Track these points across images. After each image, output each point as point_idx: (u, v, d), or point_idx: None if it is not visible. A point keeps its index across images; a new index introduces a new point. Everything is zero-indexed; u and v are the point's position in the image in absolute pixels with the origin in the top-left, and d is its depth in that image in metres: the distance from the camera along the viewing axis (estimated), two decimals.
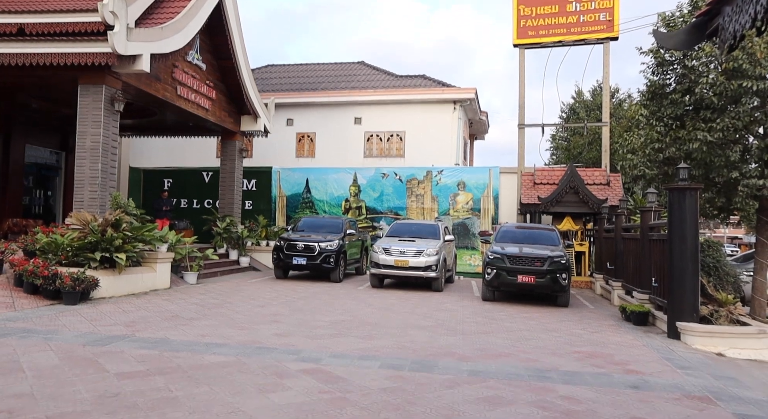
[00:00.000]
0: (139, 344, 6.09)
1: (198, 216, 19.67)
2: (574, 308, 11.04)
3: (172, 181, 21.32)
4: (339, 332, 7.37)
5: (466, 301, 11.40)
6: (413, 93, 21.63)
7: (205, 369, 5.16)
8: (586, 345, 7.24)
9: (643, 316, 8.98)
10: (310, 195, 20.91)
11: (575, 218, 16.98)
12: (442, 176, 19.92)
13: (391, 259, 12.68)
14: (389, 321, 8.48)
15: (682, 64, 10.69)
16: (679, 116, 10.64)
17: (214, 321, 7.78)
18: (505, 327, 8.34)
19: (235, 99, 16.74)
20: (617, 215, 12.11)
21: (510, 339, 7.42)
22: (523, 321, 9.10)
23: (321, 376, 5.11)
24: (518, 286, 10.95)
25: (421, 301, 11.03)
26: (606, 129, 18.40)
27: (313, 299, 10.65)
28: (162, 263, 11.08)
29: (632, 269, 10.98)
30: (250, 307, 9.22)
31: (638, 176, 11.45)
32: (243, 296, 10.63)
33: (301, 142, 22.69)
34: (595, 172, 17.14)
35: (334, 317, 8.60)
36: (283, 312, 8.83)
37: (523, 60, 19.35)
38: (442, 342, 7.03)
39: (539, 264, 10.81)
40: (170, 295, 10.23)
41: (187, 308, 8.75)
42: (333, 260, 13.69)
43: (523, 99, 19.48)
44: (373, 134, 22.06)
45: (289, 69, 26.21)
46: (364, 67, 25.37)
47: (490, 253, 11.35)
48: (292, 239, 13.91)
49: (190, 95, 14.19)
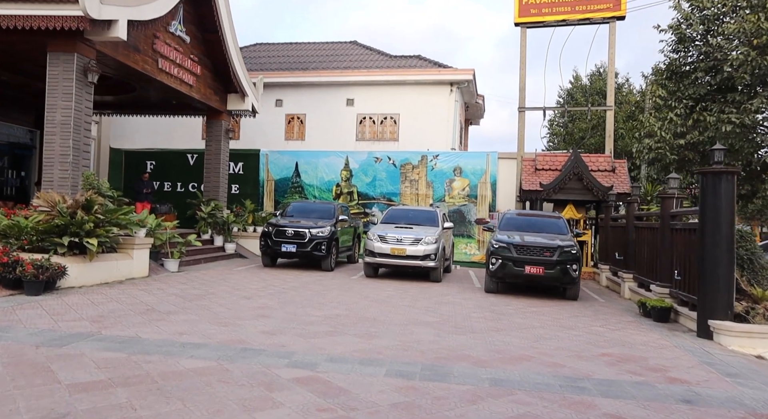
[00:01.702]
0: (105, 344, 5.22)
1: (182, 200, 18.67)
2: (585, 302, 10.31)
3: (155, 163, 20.28)
4: (335, 329, 6.55)
5: (468, 293, 10.64)
6: (408, 74, 20.69)
7: (179, 378, 4.32)
8: (611, 345, 6.49)
9: (665, 312, 8.26)
10: (299, 179, 20.01)
11: (578, 206, 16.26)
12: (437, 161, 19.09)
13: (387, 247, 11.86)
14: (389, 315, 7.67)
15: (705, 40, 9.90)
16: (701, 96, 9.88)
17: (194, 315, 6.92)
18: (517, 324, 7.58)
19: (222, 76, 15.70)
20: (629, 202, 11.38)
21: (526, 338, 6.66)
22: (534, 316, 8.34)
23: (318, 387, 4.29)
24: (525, 277, 10.20)
25: (420, 293, 10.25)
26: (610, 113, 17.62)
27: (303, 289, 9.82)
28: (140, 250, 10.16)
29: (647, 261, 10.26)
30: (235, 299, 8.37)
31: (654, 159, 10.69)
32: (228, 286, 9.76)
33: (291, 124, 21.69)
34: (599, 158, 16.40)
35: (328, 311, 7.78)
36: (272, 305, 7.99)
37: (525, 39, 18.49)
38: (451, 341, 6.24)
39: (549, 254, 10.05)
40: (148, 284, 9.34)
41: (165, 300, 7.87)
42: (324, 248, 12.85)
43: (524, 81, 18.65)
44: (366, 117, 21.11)
45: (278, 48, 25.11)
46: (356, 47, 24.34)
47: (495, 242, 10.57)
48: (281, 225, 13.03)
49: (172, 69, 13.16)
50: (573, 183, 15.49)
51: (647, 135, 10.67)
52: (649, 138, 10.51)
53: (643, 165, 18.30)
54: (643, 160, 11.83)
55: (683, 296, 8.19)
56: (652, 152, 10.43)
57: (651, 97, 11.05)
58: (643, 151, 11.09)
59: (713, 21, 9.89)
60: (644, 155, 11.11)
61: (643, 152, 11.32)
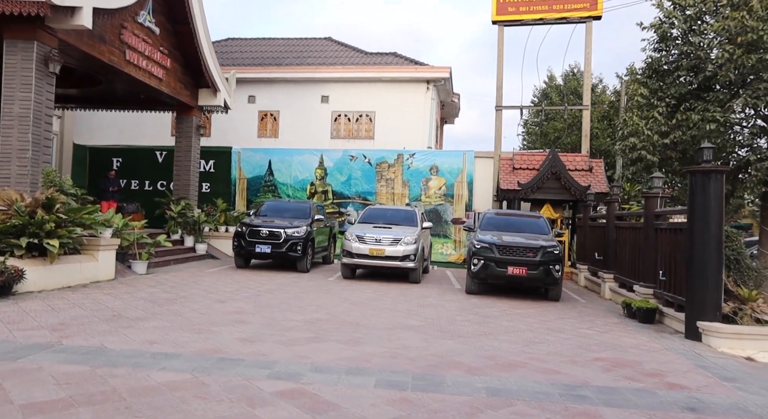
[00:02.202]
0: (66, 356, 4.77)
1: (150, 199, 17.98)
2: (567, 303, 10.18)
3: (122, 160, 19.54)
4: (317, 335, 6.20)
5: (449, 294, 10.39)
6: (384, 71, 20.39)
7: (150, 394, 3.92)
8: (602, 349, 6.30)
9: (651, 313, 8.15)
10: (272, 178, 19.53)
11: (555, 206, 16.23)
12: (414, 160, 18.86)
13: (365, 248, 11.53)
14: (372, 319, 7.36)
15: (686, 40, 9.87)
16: (683, 95, 9.84)
17: (164, 321, 6.48)
18: (504, 327, 7.34)
19: (193, 70, 15.14)
20: (609, 202, 11.31)
21: (515, 342, 6.42)
22: (519, 318, 8.13)
23: (304, 402, 3.94)
24: (508, 278, 10.00)
25: (401, 295, 9.96)
26: (587, 113, 17.66)
27: (280, 292, 9.42)
28: (105, 251, 9.61)
29: (629, 261, 10.18)
30: (209, 303, 7.93)
31: (636, 159, 10.63)
32: (200, 288, 9.30)
33: (264, 121, 21.17)
34: (576, 157, 16.40)
35: (308, 315, 7.42)
36: (248, 309, 7.58)
37: (502, 38, 18.38)
38: (439, 347, 5.96)
39: (531, 255, 9.88)
40: (114, 288, 8.81)
41: (133, 305, 7.39)
42: (300, 249, 12.44)
43: (501, 80, 18.55)
44: (341, 114, 20.74)
45: (250, 43, 24.51)
46: (331, 44, 23.92)
47: (477, 242, 10.35)
48: (254, 225, 12.58)
49: (141, 62, 12.58)
50: (551, 183, 15.44)
51: (630, 134, 10.59)
52: (633, 137, 10.42)
53: (618, 164, 18.40)
54: (625, 159, 11.75)
55: (669, 297, 8.09)
56: (636, 151, 10.34)
57: (632, 96, 10.97)
58: (626, 150, 11.02)
59: (695, 20, 9.88)
60: (627, 154, 11.02)
61: (625, 151, 11.26)
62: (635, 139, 10.32)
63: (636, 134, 10.35)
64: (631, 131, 10.59)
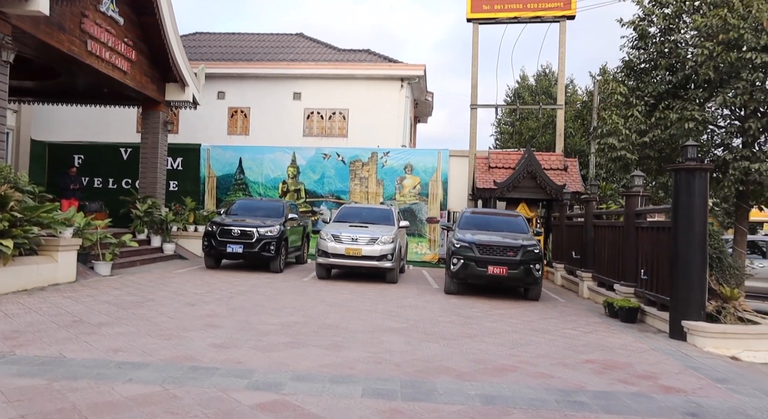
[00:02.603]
0: (19, 368, 4.33)
1: (115, 198, 17.28)
2: (547, 302, 10.05)
3: (83, 157, 18.71)
4: (295, 339, 5.86)
5: (428, 295, 10.16)
6: (358, 68, 20.07)
7: (115, 411, 3.54)
8: (590, 350, 6.14)
9: (633, 312, 8.06)
10: (243, 176, 19.00)
11: (530, 205, 16.22)
12: (388, 158, 18.60)
13: (341, 247, 11.21)
14: (351, 322, 7.05)
15: (665, 38, 9.85)
16: (661, 93, 9.82)
17: (131, 326, 6.05)
18: (488, 328, 7.13)
19: (160, 63, 14.54)
20: (587, 200, 11.25)
21: (502, 344, 6.21)
22: (502, 319, 7.94)
23: (288, 415, 3.62)
24: (488, 278, 9.81)
25: (379, 295, 9.67)
26: (561, 112, 17.72)
27: (253, 294, 9.03)
28: (66, 252, 9.05)
29: (608, 260, 10.11)
30: (178, 306, 7.49)
31: (615, 158, 10.58)
32: (168, 291, 8.83)
33: (234, 117, 20.61)
34: (551, 156, 16.39)
35: (285, 318, 7.07)
36: (220, 312, 7.18)
37: (477, 36, 18.29)
38: (425, 350, 5.69)
39: (512, 254, 9.72)
40: (75, 291, 8.28)
41: (96, 309, 6.91)
42: (273, 248, 12.04)
43: (476, 78, 18.46)
44: (313, 111, 20.34)
45: (219, 38, 23.87)
46: (303, 40, 23.48)
47: (456, 241, 10.14)
48: (226, 224, 12.11)
49: (104, 53, 11.97)
50: (526, 181, 15.40)
51: (609, 133, 10.54)
52: (611, 136, 10.37)
53: (592, 163, 18.50)
54: (603, 158, 11.71)
55: (651, 296, 8.02)
56: (615, 151, 10.29)
57: (609, 95, 10.93)
58: (604, 148, 10.97)
59: (673, 18, 9.87)
60: (606, 153, 10.97)
61: (603, 150, 11.21)
62: (613, 138, 10.26)
63: (614, 133, 10.29)
64: (609, 129, 10.54)
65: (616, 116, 10.33)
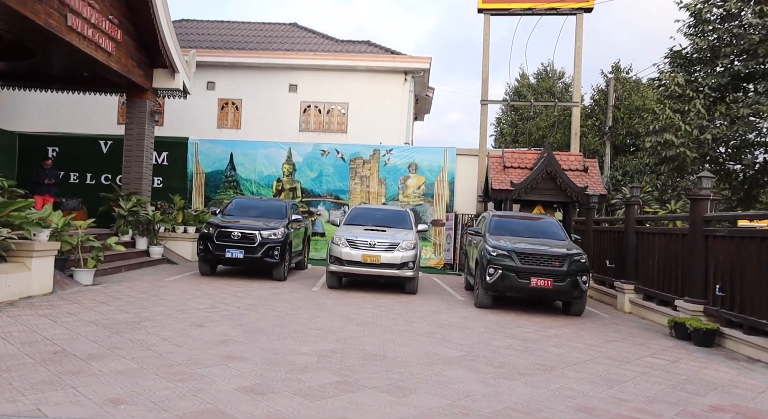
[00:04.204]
0: None
1: (92, 195, 15.78)
2: (593, 319, 8.95)
3: (58, 150, 17.11)
4: (342, 378, 4.61)
5: (459, 309, 8.98)
6: (359, 59, 18.81)
7: None
8: (702, 390, 5.01)
9: (710, 335, 6.99)
10: (234, 173, 17.62)
11: (546, 208, 15.17)
12: (391, 156, 17.42)
13: (357, 253, 9.95)
14: (396, 348, 5.82)
15: (729, 23, 8.79)
16: (724, 85, 8.81)
17: (130, 360, 4.72)
18: (558, 357, 5.97)
19: (148, 46, 13.08)
20: (629, 204, 10.21)
21: (593, 381, 5.05)
22: (563, 342, 6.80)
23: None
24: (530, 291, 8.66)
25: (406, 310, 8.46)
26: (576, 110, 16.73)
27: (264, 309, 7.73)
28: (41, 258, 7.61)
29: (660, 271, 9.06)
30: (183, 327, 6.16)
31: (669, 157, 9.54)
32: (165, 305, 7.47)
33: (224, 110, 19.18)
34: (570, 156, 15.37)
35: (316, 344, 5.80)
36: (236, 336, 5.89)
37: (489, 27, 17.21)
38: (511, 394, 4.50)
39: (558, 264, 8.59)
40: (53, 307, 6.87)
41: (82, 334, 5.55)
42: (278, 254, 10.72)
43: (486, 72, 17.38)
44: (310, 105, 19.03)
45: (209, 26, 22.36)
46: (297, 30, 22.12)
47: (492, 249, 8.98)
48: (224, 226, 10.74)
49: (86, 30, 10.51)
50: (545, 183, 14.33)
51: (663, 128, 9.50)
52: (666, 132, 9.32)
53: (606, 165, 17.55)
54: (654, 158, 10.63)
55: (732, 317, 6.96)
56: (672, 148, 9.24)
57: (668, 86, 9.88)
58: (657, 146, 9.92)
59: (735, 3, 8.87)
60: (660, 151, 9.92)
61: (656, 148, 10.16)
62: (670, 134, 9.22)
63: (669, 128, 9.26)
64: (663, 125, 9.49)
65: (669, 110, 9.30)
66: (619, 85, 18.56)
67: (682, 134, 9.17)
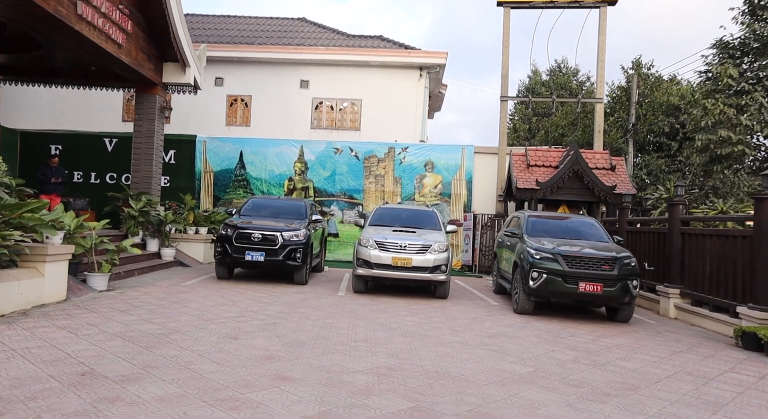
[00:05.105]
0: None
1: (97, 194, 15.19)
2: (643, 326, 8.38)
3: (61, 148, 16.49)
4: (415, 403, 4.03)
5: (499, 315, 8.41)
6: (373, 54, 18.22)
7: None
8: None
9: None
10: (244, 172, 17.01)
11: (571, 208, 14.62)
12: (406, 154, 16.84)
13: (387, 256, 9.36)
14: (458, 364, 5.24)
15: None
16: None
17: (169, 382, 4.13)
18: (634, 372, 5.40)
19: (158, 38, 12.48)
20: (672, 204, 9.65)
21: (691, 404, 4.48)
22: (629, 354, 6.23)
23: None
24: (578, 297, 8.09)
25: (445, 317, 7.89)
26: (600, 106, 16.18)
27: (296, 317, 7.14)
28: (54, 262, 7.01)
29: (714, 275, 8.49)
30: (216, 340, 5.57)
31: (723, 156, 8.98)
32: (190, 314, 6.87)
33: (233, 106, 18.57)
34: (595, 154, 14.82)
35: (368, 359, 5.21)
36: (277, 351, 5.29)
37: (508, 21, 16.61)
38: None
39: (607, 268, 8.02)
40: (70, 316, 6.27)
41: (108, 349, 4.95)
42: (300, 256, 10.12)
43: (506, 68, 16.79)
44: (322, 101, 18.44)
45: (215, 20, 21.72)
46: (307, 25, 21.49)
47: (534, 251, 8.41)
48: (243, 228, 10.13)
49: (96, 19, 9.91)
50: (571, 182, 13.79)
51: (714, 125, 8.94)
52: (721, 128, 8.75)
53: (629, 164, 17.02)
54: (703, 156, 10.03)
55: None
56: (729, 146, 8.68)
57: (721, 78, 9.31)
58: (709, 144, 9.35)
59: None
60: (715, 149, 9.34)
61: (709, 147, 9.58)
62: (725, 130, 8.66)
63: (723, 124, 8.69)
64: (716, 121, 8.93)
65: (722, 104, 8.74)
66: (640, 81, 18.00)
67: (740, 130, 8.62)
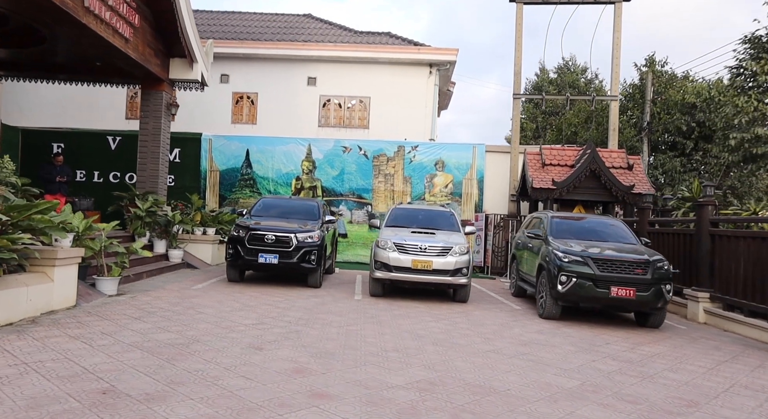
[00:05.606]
0: None
1: (101, 193, 14.85)
2: (676, 332, 8.05)
3: (64, 146, 16.11)
4: None
5: (525, 320, 8.07)
6: (381, 51, 17.87)
7: None
8: None
9: None
10: (251, 171, 16.65)
11: (586, 208, 14.30)
12: (416, 153, 16.50)
13: (407, 259, 9.01)
14: (500, 377, 4.91)
15: None
16: None
17: (198, 401, 3.78)
18: (688, 386, 5.08)
19: (165, 33, 12.11)
20: (702, 205, 9.32)
21: None
22: (674, 364, 5.90)
23: None
24: (609, 302, 7.76)
25: (471, 322, 7.56)
26: (615, 104, 15.87)
27: (318, 323, 6.79)
28: (64, 266, 6.65)
29: (749, 280, 8.16)
30: (240, 351, 5.22)
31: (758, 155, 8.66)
32: (207, 321, 6.52)
33: (239, 104, 18.20)
34: (612, 153, 14.49)
35: (404, 372, 4.87)
36: (307, 363, 4.95)
37: (521, 17, 16.27)
38: None
39: (640, 272, 7.69)
40: (82, 325, 5.91)
41: (127, 363, 4.60)
42: (315, 259, 9.77)
43: (519, 65, 16.45)
44: (330, 99, 18.08)
45: (219, 16, 21.34)
46: (313, 21, 21.11)
47: (562, 254, 8.07)
48: (256, 229, 9.77)
49: (103, 12, 9.54)
50: (588, 181, 13.45)
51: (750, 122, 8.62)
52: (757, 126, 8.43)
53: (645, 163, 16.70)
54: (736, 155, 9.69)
55: None
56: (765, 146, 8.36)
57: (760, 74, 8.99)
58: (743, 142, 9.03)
59: None
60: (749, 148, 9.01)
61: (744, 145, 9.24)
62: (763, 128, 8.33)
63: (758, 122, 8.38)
64: (750, 119, 8.60)
65: (756, 100, 8.42)
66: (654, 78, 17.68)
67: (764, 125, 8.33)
